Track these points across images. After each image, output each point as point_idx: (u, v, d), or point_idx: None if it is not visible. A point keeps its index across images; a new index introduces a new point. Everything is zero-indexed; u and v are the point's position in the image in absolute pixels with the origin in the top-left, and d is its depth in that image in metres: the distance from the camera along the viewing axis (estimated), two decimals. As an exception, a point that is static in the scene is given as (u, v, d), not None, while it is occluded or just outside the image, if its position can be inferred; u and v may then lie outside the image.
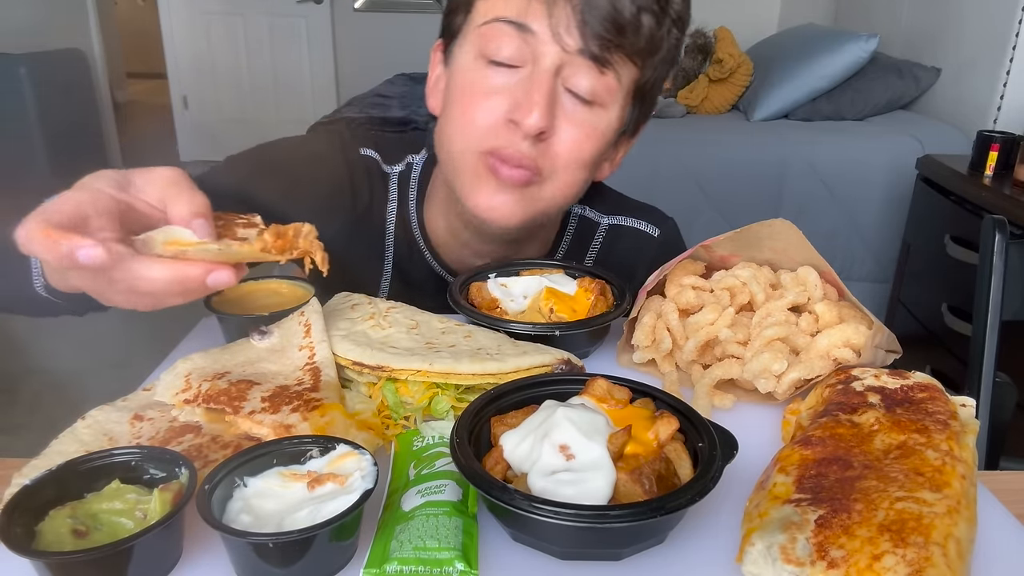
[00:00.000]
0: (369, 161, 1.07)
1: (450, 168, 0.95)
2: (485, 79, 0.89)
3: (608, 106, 0.91)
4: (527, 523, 0.54)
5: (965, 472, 0.57)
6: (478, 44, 0.89)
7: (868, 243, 3.06)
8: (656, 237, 1.13)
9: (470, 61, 0.90)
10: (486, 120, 0.88)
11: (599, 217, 1.14)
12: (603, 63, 0.86)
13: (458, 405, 0.71)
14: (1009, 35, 2.72)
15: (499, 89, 0.88)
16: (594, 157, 0.93)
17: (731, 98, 3.61)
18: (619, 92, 0.90)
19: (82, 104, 4.63)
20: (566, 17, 0.84)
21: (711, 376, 0.78)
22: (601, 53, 0.85)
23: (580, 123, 0.90)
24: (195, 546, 0.55)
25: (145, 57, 7.91)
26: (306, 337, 0.74)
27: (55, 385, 2.79)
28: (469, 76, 0.90)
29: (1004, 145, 2.36)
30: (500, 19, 0.86)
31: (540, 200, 0.93)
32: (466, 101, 0.90)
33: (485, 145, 0.89)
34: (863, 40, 3.24)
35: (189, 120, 5.83)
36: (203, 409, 0.66)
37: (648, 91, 0.95)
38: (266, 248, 0.61)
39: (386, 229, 1.08)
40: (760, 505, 0.56)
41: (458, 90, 0.92)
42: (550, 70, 0.86)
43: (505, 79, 0.88)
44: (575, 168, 0.92)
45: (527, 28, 0.85)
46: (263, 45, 5.61)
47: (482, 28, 0.88)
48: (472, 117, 0.90)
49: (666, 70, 0.95)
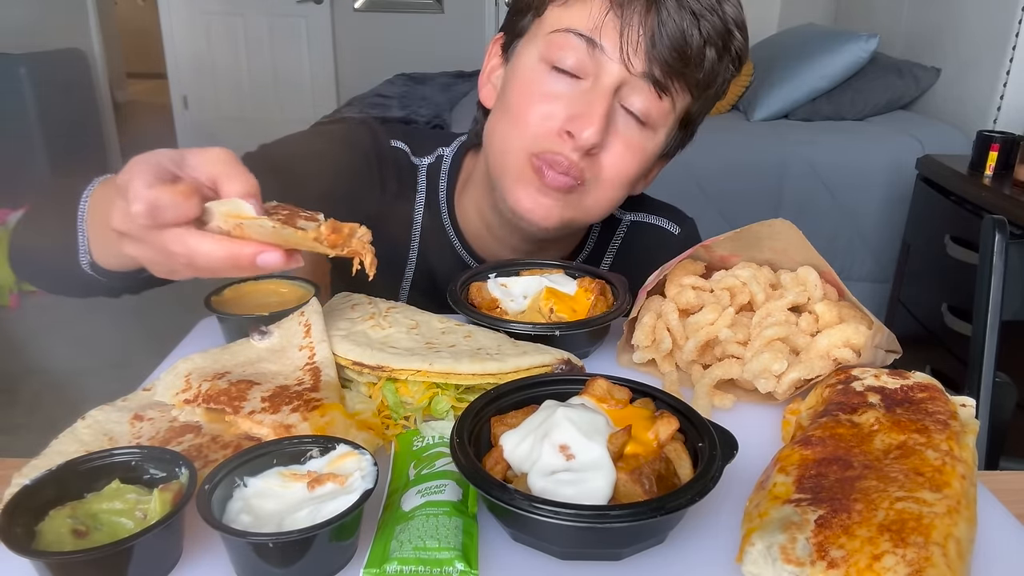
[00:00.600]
0: (398, 153, 1.09)
1: (497, 163, 0.97)
2: (545, 84, 0.91)
3: (658, 129, 0.94)
4: (527, 523, 0.54)
5: (965, 472, 0.57)
6: (544, 49, 0.91)
7: (868, 243, 3.05)
8: (676, 235, 1.16)
9: (533, 63, 0.92)
10: (541, 125, 0.91)
11: (621, 213, 1.16)
12: (663, 88, 0.89)
13: (458, 405, 0.71)
14: (1009, 35, 2.72)
15: (558, 96, 0.90)
16: (637, 176, 0.96)
17: (731, 98, 3.60)
18: (670, 118, 0.93)
19: (82, 104, 4.64)
20: (636, 39, 0.86)
21: (711, 376, 0.78)
22: (663, 79, 0.88)
23: (630, 142, 0.92)
24: (195, 546, 0.55)
25: (145, 57, 7.90)
26: (306, 337, 0.74)
27: (55, 385, 2.80)
28: (530, 77, 0.92)
29: (1004, 145, 2.36)
30: (572, 30, 0.88)
31: (579, 208, 0.96)
32: (524, 102, 0.92)
33: (536, 148, 0.91)
34: (863, 40, 3.24)
35: (189, 120, 5.83)
36: (203, 409, 0.66)
37: (694, 119, 0.99)
38: (319, 239, 0.62)
39: (413, 219, 1.09)
40: (760, 505, 0.56)
41: (517, 89, 0.94)
42: (611, 87, 0.88)
43: (565, 88, 0.90)
44: (618, 184, 0.95)
45: (597, 44, 0.87)
46: (263, 45, 5.61)
47: (552, 35, 0.90)
48: (528, 119, 0.92)
49: (713, 103, 0.98)
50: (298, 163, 1.00)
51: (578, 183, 0.92)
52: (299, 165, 0.99)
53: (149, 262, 0.63)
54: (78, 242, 0.78)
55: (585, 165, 0.91)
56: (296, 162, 1.00)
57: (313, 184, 0.95)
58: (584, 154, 0.90)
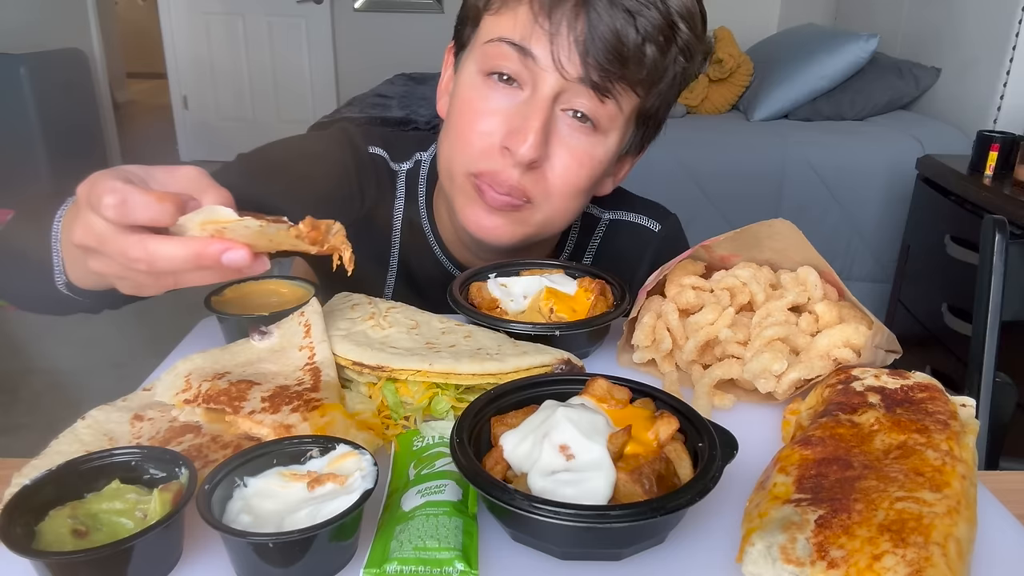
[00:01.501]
0: (377, 159, 1.08)
1: (446, 182, 0.96)
2: (484, 99, 0.89)
3: (607, 133, 0.90)
4: (527, 523, 0.54)
5: (965, 472, 0.57)
6: (481, 60, 0.89)
7: (868, 243, 3.06)
8: (657, 232, 1.13)
9: (472, 76, 0.90)
10: (481, 143, 0.89)
11: (600, 212, 1.14)
12: (603, 92, 0.85)
13: (458, 405, 0.71)
14: (1009, 35, 2.72)
15: (496, 111, 0.88)
16: (589, 183, 0.93)
17: (731, 98, 3.61)
18: (618, 119, 0.89)
19: (82, 104, 4.64)
20: (568, 45, 0.83)
21: (711, 376, 0.78)
22: (602, 82, 0.84)
23: (576, 150, 0.89)
24: (195, 546, 0.55)
25: (145, 57, 7.91)
26: (306, 337, 0.74)
27: (55, 385, 2.80)
28: (469, 94, 0.90)
29: (1004, 145, 2.37)
30: (504, 39, 0.86)
31: (532, 224, 0.94)
32: (464, 121, 0.90)
33: (477, 167, 0.90)
34: (863, 40, 3.25)
35: (189, 120, 5.84)
36: (203, 409, 0.66)
37: (653, 115, 0.95)
38: (300, 236, 0.61)
39: (392, 226, 1.08)
40: (760, 505, 0.56)
41: (458, 107, 0.92)
42: (548, 96, 0.85)
43: (504, 100, 0.88)
44: (569, 195, 0.92)
45: (529, 52, 0.84)
46: (263, 45, 5.61)
47: (486, 46, 0.88)
48: (468, 138, 0.90)
49: (675, 94, 0.94)
50: (275, 176, 0.99)
51: (524, 201, 0.90)
52: (276, 178, 0.99)
53: (113, 276, 0.62)
54: (53, 263, 0.76)
55: (529, 181, 0.89)
56: (273, 175, 0.99)
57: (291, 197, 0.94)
58: (526, 169, 0.88)
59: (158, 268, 0.58)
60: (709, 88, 3.62)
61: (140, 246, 0.57)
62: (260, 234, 0.60)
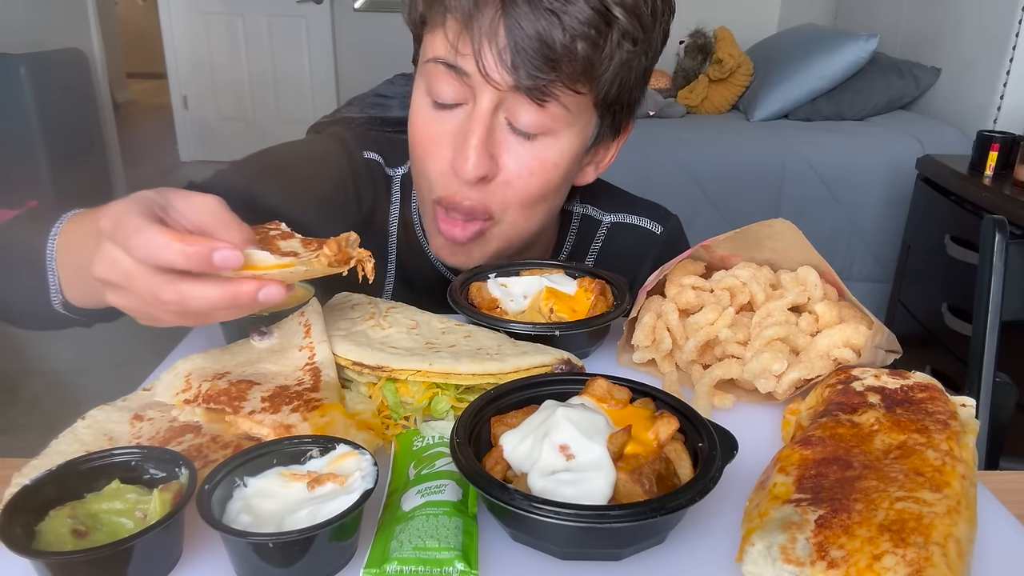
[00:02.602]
0: (372, 164, 1.07)
1: (420, 207, 0.99)
2: (431, 123, 0.89)
3: (557, 134, 0.88)
4: (527, 523, 0.54)
5: (965, 472, 0.57)
6: (424, 83, 0.89)
7: (868, 243, 3.06)
8: (659, 234, 1.12)
9: (420, 100, 0.90)
10: (436, 168, 0.90)
11: (601, 215, 1.13)
12: (540, 96, 0.83)
13: (458, 405, 0.71)
14: (1009, 35, 2.72)
15: (444, 134, 0.88)
16: (548, 188, 0.91)
17: (731, 98, 3.61)
18: (568, 118, 0.87)
19: (82, 104, 4.63)
20: (494, 56, 0.81)
21: (711, 376, 0.78)
22: (536, 86, 0.82)
23: (525, 159, 0.88)
24: (195, 546, 0.55)
25: (145, 57, 7.91)
26: (306, 337, 0.74)
27: (55, 385, 2.80)
28: (419, 119, 0.91)
29: (1004, 145, 2.37)
30: (437, 59, 0.85)
31: (495, 240, 0.94)
32: (419, 149, 0.91)
33: (436, 194, 0.91)
34: (863, 40, 3.25)
35: (189, 120, 5.84)
36: (203, 409, 0.66)
37: (616, 100, 0.90)
38: (332, 263, 0.62)
39: (388, 232, 1.08)
40: (760, 505, 0.56)
41: (413, 133, 0.92)
42: (486, 110, 0.84)
43: (450, 121, 0.87)
44: (530, 203, 0.91)
45: (460, 69, 0.84)
46: (263, 45, 5.61)
47: (426, 66, 0.88)
48: (423, 166, 0.91)
49: (638, 75, 0.90)
50: (273, 182, 0.99)
51: (486, 220, 0.91)
52: (274, 184, 0.99)
53: (133, 310, 0.61)
54: (47, 282, 0.75)
55: (486, 196, 0.89)
56: (271, 181, 0.99)
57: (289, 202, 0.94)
58: (480, 185, 0.87)
59: (190, 309, 0.58)
60: (709, 88, 3.62)
61: (172, 288, 0.56)
62: (299, 274, 0.60)
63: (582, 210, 1.13)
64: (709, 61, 3.66)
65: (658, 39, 0.90)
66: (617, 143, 1.01)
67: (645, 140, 3.07)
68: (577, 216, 1.13)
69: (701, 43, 3.78)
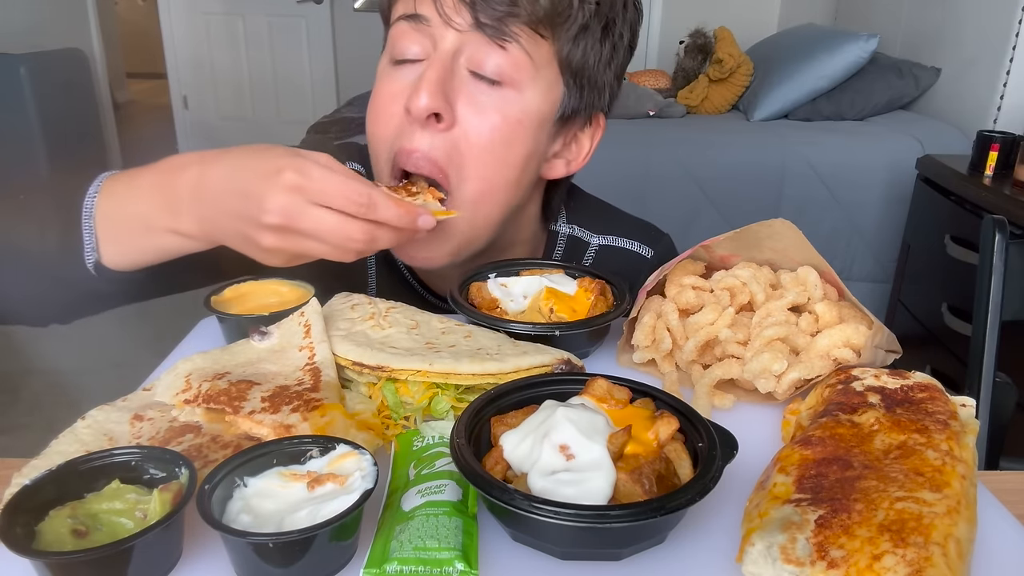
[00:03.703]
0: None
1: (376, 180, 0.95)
2: (389, 82, 0.87)
3: (520, 86, 0.84)
4: (527, 523, 0.54)
5: (965, 472, 0.57)
6: (388, 49, 0.88)
7: (868, 243, 3.06)
8: (649, 258, 1.09)
9: (382, 66, 0.89)
10: (389, 127, 0.86)
11: (589, 236, 1.09)
12: (500, 36, 0.81)
13: (458, 405, 0.71)
14: (1009, 35, 2.72)
15: (401, 89, 0.85)
16: (510, 148, 0.86)
17: (731, 98, 3.61)
18: (531, 69, 0.84)
19: (82, 104, 4.64)
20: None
21: (711, 376, 0.78)
22: (496, 24, 0.80)
23: (486, 106, 0.84)
24: (195, 546, 0.55)
25: (145, 57, 7.91)
26: (306, 337, 0.74)
27: (55, 385, 2.80)
28: (377, 84, 0.89)
29: (1004, 145, 2.37)
30: (400, 18, 0.85)
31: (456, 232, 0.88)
32: (373, 112, 0.89)
33: (391, 153, 0.87)
34: (863, 40, 3.25)
35: (189, 120, 5.84)
36: (203, 409, 0.66)
37: (581, 70, 0.87)
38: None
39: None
40: (760, 505, 0.56)
41: (370, 101, 0.90)
42: (447, 52, 0.82)
43: (409, 73, 0.85)
44: (488, 160, 0.85)
45: (420, 17, 0.83)
46: (263, 45, 5.61)
47: (390, 33, 0.88)
48: (378, 129, 0.88)
49: (603, 54, 0.88)
50: None
51: (441, 176, 0.85)
52: None
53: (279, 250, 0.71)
54: (81, 241, 0.77)
55: (441, 150, 0.84)
56: None
57: None
58: (436, 132, 0.83)
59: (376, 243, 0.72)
60: (709, 88, 3.62)
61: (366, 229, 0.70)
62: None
63: (569, 231, 1.09)
64: (709, 61, 3.66)
65: (622, 22, 0.89)
66: (591, 137, 0.97)
67: (645, 140, 3.07)
68: (563, 237, 1.09)
69: (701, 43, 3.78)
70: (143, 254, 0.79)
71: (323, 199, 0.68)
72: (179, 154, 0.76)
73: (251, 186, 0.69)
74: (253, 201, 0.68)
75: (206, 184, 0.73)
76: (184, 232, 0.75)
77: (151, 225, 0.76)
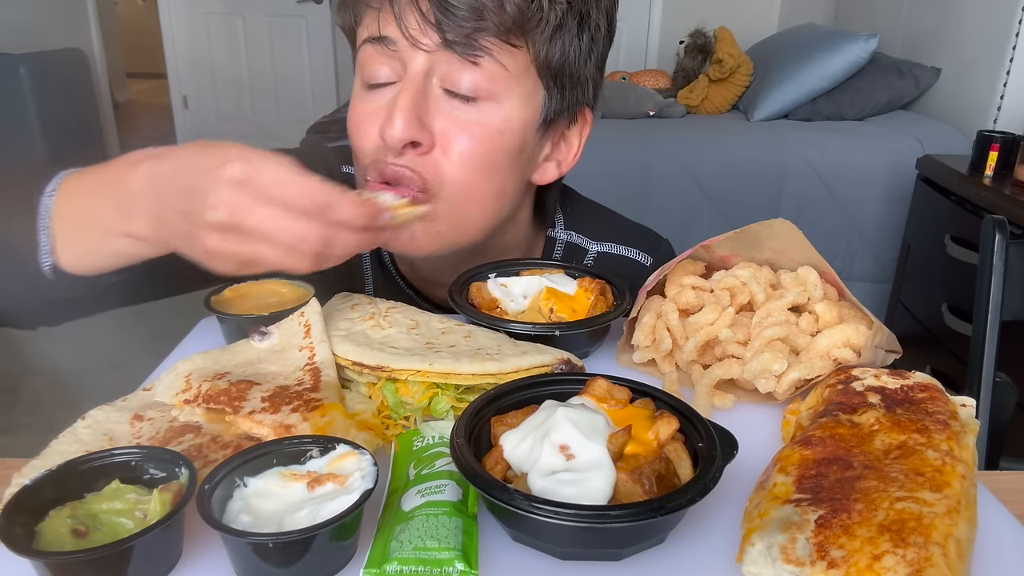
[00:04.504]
0: (350, 179, 1.04)
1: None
2: (363, 105, 0.85)
3: (498, 97, 0.82)
4: (527, 523, 0.54)
5: (965, 472, 0.57)
6: (359, 73, 0.86)
7: (868, 243, 3.06)
8: (648, 267, 1.08)
9: (356, 88, 0.88)
10: (366, 146, 0.85)
11: (587, 243, 1.08)
12: (471, 52, 0.79)
13: (458, 405, 0.71)
14: (1009, 35, 2.72)
15: (375, 111, 0.83)
16: (493, 159, 0.85)
17: (731, 98, 3.61)
18: (508, 79, 0.82)
19: (82, 104, 4.64)
20: (416, 16, 0.78)
21: (711, 376, 0.78)
22: (464, 40, 0.78)
23: (464, 123, 0.82)
24: (195, 546, 0.55)
25: (145, 57, 7.91)
26: (306, 337, 0.74)
27: (55, 385, 2.80)
28: (353, 104, 0.88)
29: (1004, 145, 2.37)
30: (367, 40, 0.83)
31: (441, 221, 0.85)
32: (351, 130, 0.87)
33: (374, 168, 0.85)
34: (863, 40, 3.25)
35: (189, 120, 5.84)
36: (203, 409, 0.66)
37: (561, 70, 0.85)
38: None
39: (363, 255, 1.05)
40: (760, 505, 0.56)
41: (348, 119, 0.88)
42: (418, 74, 0.80)
43: (381, 97, 0.83)
44: (472, 178, 0.84)
45: (386, 39, 0.81)
46: (263, 45, 5.62)
47: (359, 55, 0.86)
48: (357, 148, 0.87)
49: (581, 48, 0.85)
50: None
51: (419, 191, 0.83)
52: None
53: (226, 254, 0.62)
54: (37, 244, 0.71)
55: (419, 164, 0.82)
56: None
57: None
58: (413, 156, 0.82)
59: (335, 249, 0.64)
60: (709, 88, 3.62)
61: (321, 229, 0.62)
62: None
63: (567, 237, 1.09)
64: (709, 61, 3.66)
65: (598, 14, 0.86)
66: (579, 135, 0.95)
67: (645, 140, 3.07)
68: (561, 244, 1.09)
69: (701, 43, 3.78)
70: (101, 259, 0.72)
71: (271, 194, 0.61)
72: (137, 150, 0.69)
73: (196, 180, 0.62)
74: (197, 197, 0.62)
75: (155, 181, 0.66)
76: (137, 235, 0.68)
77: (105, 228, 0.69)
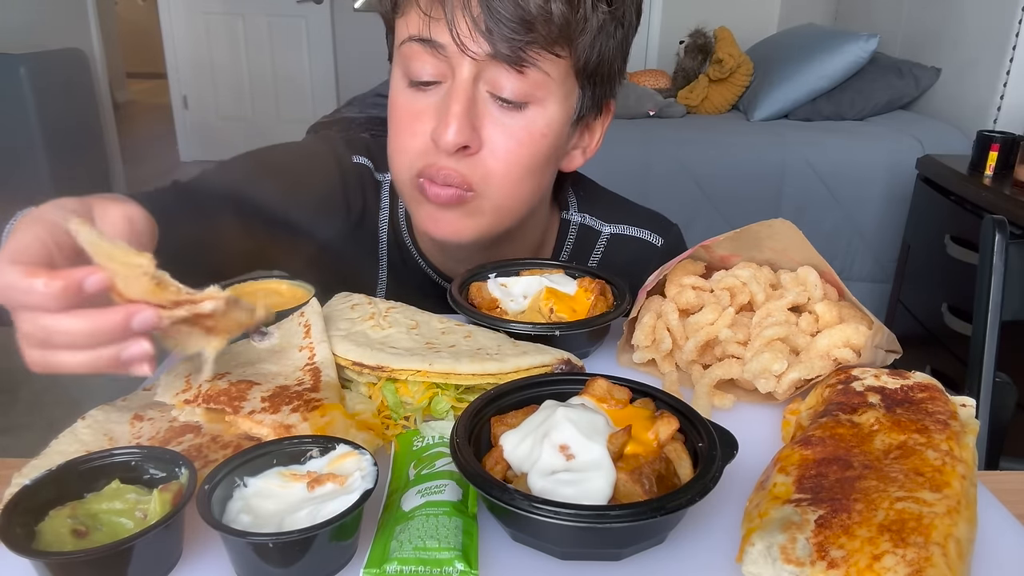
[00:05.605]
0: (362, 169, 1.07)
1: (398, 190, 0.97)
2: (410, 102, 0.87)
3: (543, 102, 0.86)
4: (527, 523, 0.54)
5: (965, 472, 0.57)
6: (402, 67, 0.88)
7: (868, 243, 3.06)
8: (659, 247, 1.11)
9: (399, 84, 0.89)
10: (414, 144, 0.87)
11: (600, 225, 1.11)
12: (519, 63, 0.82)
13: (458, 405, 0.71)
14: (1009, 35, 2.72)
15: (424, 110, 0.86)
16: (536, 160, 0.89)
17: (731, 98, 3.61)
18: (551, 84, 0.85)
19: (82, 104, 4.63)
20: (468, 25, 0.80)
21: (711, 376, 0.78)
22: (513, 53, 0.80)
23: (511, 129, 0.86)
24: (195, 546, 0.55)
25: (145, 57, 7.92)
26: (306, 338, 0.74)
27: (55, 385, 2.79)
28: (398, 100, 0.89)
29: (1004, 145, 2.37)
30: (412, 38, 0.84)
31: (485, 213, 0.90)
32: (397, 127, 0.90)
33: (416, 168, 0.88)
34: (863, 40, 3.24)
35: (189, 120, 5.84)
36: (203, 409, 0.66)
37: (596, 70, 0.88)
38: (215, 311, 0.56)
39: (379, 237, 1.07)
40: (760, 505, 0.56)
41: (393, 116, 0.91)
42: (466, 81, 0.83)
43: (429, 98, 0.86)
44: (515, 177, 0.89)
45: (435, 43, 0.82)
46: (263, 45, 5.61)
47: (402, 49, 0.87)
48: (402, 143, 0.89)
49: (617, 44, 0.88)
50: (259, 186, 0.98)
51: (466, 191, 0.87)
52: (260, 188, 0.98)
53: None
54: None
55: (467, 169, 0.86)
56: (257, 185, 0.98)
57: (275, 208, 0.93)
58: (461, 156, 0.85)
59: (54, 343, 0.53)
60: (709, 88, 3.62)
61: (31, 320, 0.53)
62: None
63: (580, 219, 1.11)
64: (709, 61, 3.66)
65: (631, 9, 0.89)
66: (601, 124, 0.99)
67: (645, 140, 3.07)
68: (575, 225, 1.11)
69: (701, 43, 3.78)
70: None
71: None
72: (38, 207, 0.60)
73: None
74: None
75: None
76: None
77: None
